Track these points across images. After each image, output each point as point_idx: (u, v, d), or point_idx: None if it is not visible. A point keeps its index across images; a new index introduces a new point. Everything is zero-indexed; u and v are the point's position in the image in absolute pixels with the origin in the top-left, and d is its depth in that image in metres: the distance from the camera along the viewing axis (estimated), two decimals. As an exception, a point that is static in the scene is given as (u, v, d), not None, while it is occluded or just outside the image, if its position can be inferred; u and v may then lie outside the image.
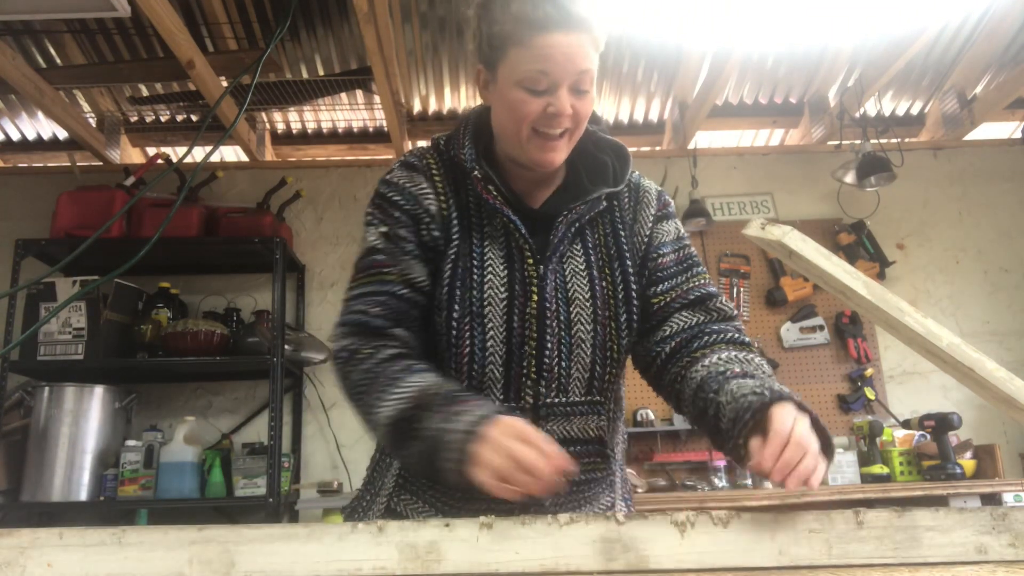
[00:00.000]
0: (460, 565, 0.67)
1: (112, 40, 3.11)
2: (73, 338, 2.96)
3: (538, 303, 1.04)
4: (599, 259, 1.10)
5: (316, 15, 3.01)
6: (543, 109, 1.01)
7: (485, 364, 1.04)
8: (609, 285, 1.08)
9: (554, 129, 1.02)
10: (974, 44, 3.36)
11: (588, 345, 1.06)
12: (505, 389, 1.04)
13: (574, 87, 1.02)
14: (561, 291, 1.06)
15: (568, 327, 1.05)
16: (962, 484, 2.80)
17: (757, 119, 3.83)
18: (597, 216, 1.12)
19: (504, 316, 1.04)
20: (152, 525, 0.81)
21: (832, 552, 0.69)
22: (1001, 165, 3.79)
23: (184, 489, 2.89)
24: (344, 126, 3.80)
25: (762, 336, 3.49)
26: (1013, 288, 3.63)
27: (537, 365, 1.04)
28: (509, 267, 1.05)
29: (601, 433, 1.09)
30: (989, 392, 0.82)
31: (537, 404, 1.04)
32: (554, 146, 1.04)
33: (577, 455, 1.03)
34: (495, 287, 1.04)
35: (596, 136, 1.16)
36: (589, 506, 1.12)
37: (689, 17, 2.56)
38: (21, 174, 3.67)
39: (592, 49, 1.03)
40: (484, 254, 1.06)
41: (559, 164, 1.07)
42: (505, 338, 1.04)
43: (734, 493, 2.97)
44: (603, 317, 1.07)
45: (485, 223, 1.08)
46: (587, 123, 1.10)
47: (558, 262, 1.07)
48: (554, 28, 0.99)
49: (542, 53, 0.99)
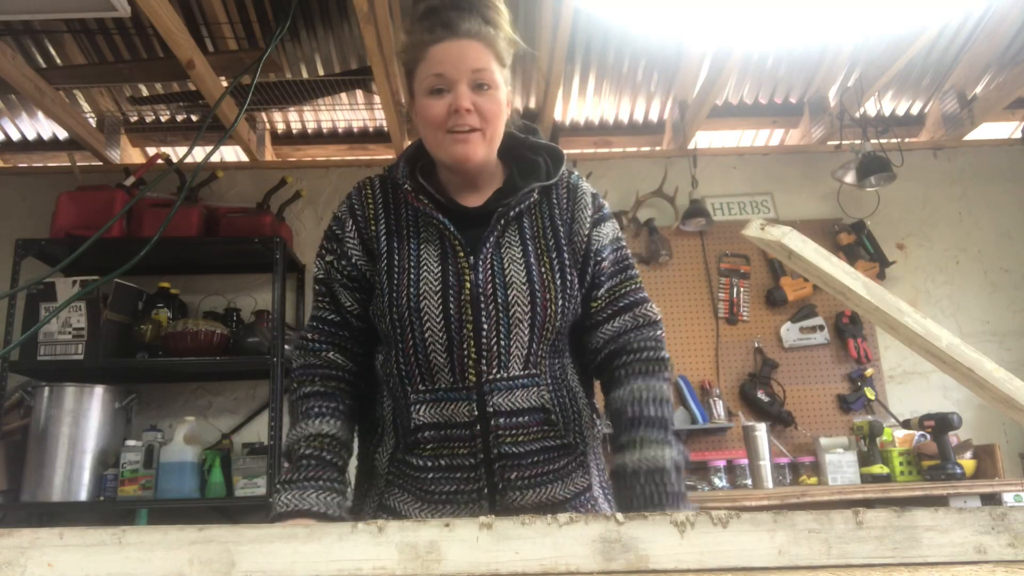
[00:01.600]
0: (460, 565, 0.67)
1: (112, 40, 3.11)
2: (73, 338, 2.96)
3: (471, 289, 1.14)
4: (536, 248, 1.20)
5: (316, 15, 3.01)
6: (448, 109, 1.15)
7: (428, 353, 1.14)
8: (548, 271, 1.19)
9: (462, 126, 1.15)
10: (974, 44, 3.36)
11: (526, 325, 1.15)
12: (451, 372, 1.14)
13: (473, 84, 1.15)
14: (499, 277, 1.16)
15: (506, 309, 1.15)
16: (962, 484, 2.81)
17: (757, 119, 3.83)
18: (534, 208, 1.23)
19: (440, 306, 1.14)
20: (152, 525, 0.82)
21: (831, 552, 0.70)
22: (1001, 165, 3.79)
23: (184, 489, 2.90)
24: (344, 126, 3.80)
25: (762, 336, 3.50)
26: (1013, 288, 3.63)
27: (476, 346, 1.13)
28: (443, 263, 1.16)
29: (543, 402, 1.17)
30: (989, 392, 0.82)
31: (480, 381, 1.13)
32: (466, 139, 1.15)
33: (525, 424, 1.15)
34: (430, 282, 1.15)
35: (530, 142, 1.29)
36: (561, 482, 1.18)
37: (689, 17, 2.56)
38: (21, 174, 3.68)
39: (488, 54, 1.17)
40: (420, 256, 1.18)
41: (479, 159, 1.18)
42: (443, 326, 1.14)
43: (734, 493, 2.97)
44: (541, 300, 1.16)
45: (421, 230, 1.20)
46: (520, 132, 1.28)
47: (494, 252, 1.18)
48: (446, 39, 1.16)
49: (436, 59, 1.16)
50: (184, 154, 2.74)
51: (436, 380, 1.15)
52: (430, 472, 1.15)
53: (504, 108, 1.21)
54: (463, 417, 1.14)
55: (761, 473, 3.03)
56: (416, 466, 1.16)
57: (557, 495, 1.18)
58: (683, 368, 3.45)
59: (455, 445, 1.14)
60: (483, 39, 1.17)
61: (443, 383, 1.15)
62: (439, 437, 1.15)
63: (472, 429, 1.14)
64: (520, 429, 1.15)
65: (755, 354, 3.47)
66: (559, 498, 1.18)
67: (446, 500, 1.15)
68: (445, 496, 1.15)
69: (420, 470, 1.15)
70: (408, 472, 1.17)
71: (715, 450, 3.29)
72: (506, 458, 1.14)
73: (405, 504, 1.18)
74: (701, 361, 3.47)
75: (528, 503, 1.15)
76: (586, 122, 3.84)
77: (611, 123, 3.86)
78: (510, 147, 1.28)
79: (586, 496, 1.22)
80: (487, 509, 1.15)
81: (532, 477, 1.15)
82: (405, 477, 1.18)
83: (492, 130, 1.18)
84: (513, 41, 1.24)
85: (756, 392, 3.37)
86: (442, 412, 1.15)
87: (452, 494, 1.15)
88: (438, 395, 1.15)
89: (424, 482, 1.15)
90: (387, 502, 1.19)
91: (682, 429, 3.28)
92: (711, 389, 3.37)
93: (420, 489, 1.16)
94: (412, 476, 1.17)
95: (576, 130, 3.86)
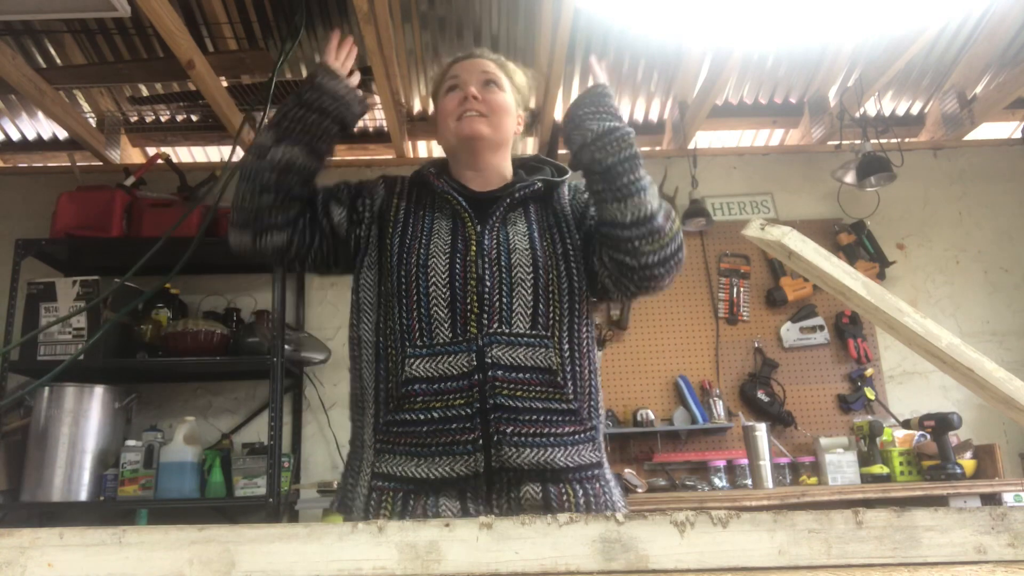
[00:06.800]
0: (460, 565, 0.67)
1: (112, 40, 3.11)
2: (73, 338, 2.96)
3: (476, 250, 1.24)
4: (540, 228, 1.31)
5: (316, 15, 3.01)
6: (459, 98, 1.33)
7: (431, 307, 1.20)
8: (549, 243, 1.29)
9: (469, 110, 1.32)
10: (974, 44, 3.36)
11: (529, 285, 1.23)
12: (452, 327, 1.20)
13: (481, 82, 1.34)
14: (504, 244, 1.26)
15: (509, 270, 1.23)
16: (962, 484, 2.80)
17: (757, 119, 3.83)
18: (539, 198, 1.35)
19: (447, 264, 1.23)
20: (152, 525, 0.82)
21: (831, 552, 0.70)
22: (1001, 165, 3.79)
23: (184, 489, 2.90)
24: (344, 126, 3.80)
25: (762, 336, 3.50)
26: (1013, 288, 3.63)
27: (479, 300, 1.20)
28: (453, 231, 1.27)
29: (550, 364, 1.20)
30: (988, 392, 0.82)
31: (480, 334, 1.19)
32: (472, 119, 1.31)
33: (526, 381, 1.18)
34: (439, 245, 1.25)
35: (539, 157, 1.45)
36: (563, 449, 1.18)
37: (689, 17, 2.56)
38: (21, 174, 3.68)
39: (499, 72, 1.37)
40: (432, 225, 1.29)
41: (485, 135, 1.32)
42: (448, 281, 1.21)
43: (733, 493, 2.97)
44: (544, 265, 1.25)
45: (436, 208, 1.32)
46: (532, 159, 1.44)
47: (501, 225, 1.28)
48: (464, 60, 1.40)
49: (455, 72, 1.38)
50: (188, 156, 2.73)
51: (435, 335, 1.19)
52: (423, 425, 1.17)
53: (511, 109, 1.36)
54: (461, 368, 1.17)
55: (761, 473, 3.03)
56: (407, 421, 1.17)
57: (558, 461, 1.17)
58: (683, 368, 3.45)
59: (449, 397, 1.17)
60: (496, 61, 1.39)
61: (441, 338, 1.19)
62: (430, 391, 1.17)
63: (470, 379, 1.17)
64: (519, 385, 1.17)
65: (755, 354, 3.47)
66: (559, 465, 1.17)
67: (441, 452, 1.16)
68: (440, 448, 1.16)
69: (412, 424, 1.17)
70: (398, 431, 1.19)
71: (715, 450, 3.29)
72: (501, 410, 1.15)
73: (399, 466, 1.18)
74: (701, 361, 3.47)
75: (525, 462, 1.15)
76: (586, 122, 3.84)
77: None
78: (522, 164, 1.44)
79: (594, 472, 1.22)
80: (482, 463, 1.15)
81: (530, 435, 1.16)
82: (396, 437, 1.19)
83: (496, 119, 1.33)
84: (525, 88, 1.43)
85: (756, 392, 3.37)
86: (437, 366, 1.18)
87: (447, 445, 1.16)
88: (435, 350, 1.19)
89: (418, 435, 1.17)
90: (379, 469, 1.20)
91: (682, 429, 3.28)
92: (711, 389, 3.37)
93: (414, 444, 1.17)
94: (404, 433, 1.18)
95: (576, 130, 3.86)
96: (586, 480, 1.20)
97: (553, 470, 1.16)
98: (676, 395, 3.39)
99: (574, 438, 1.19)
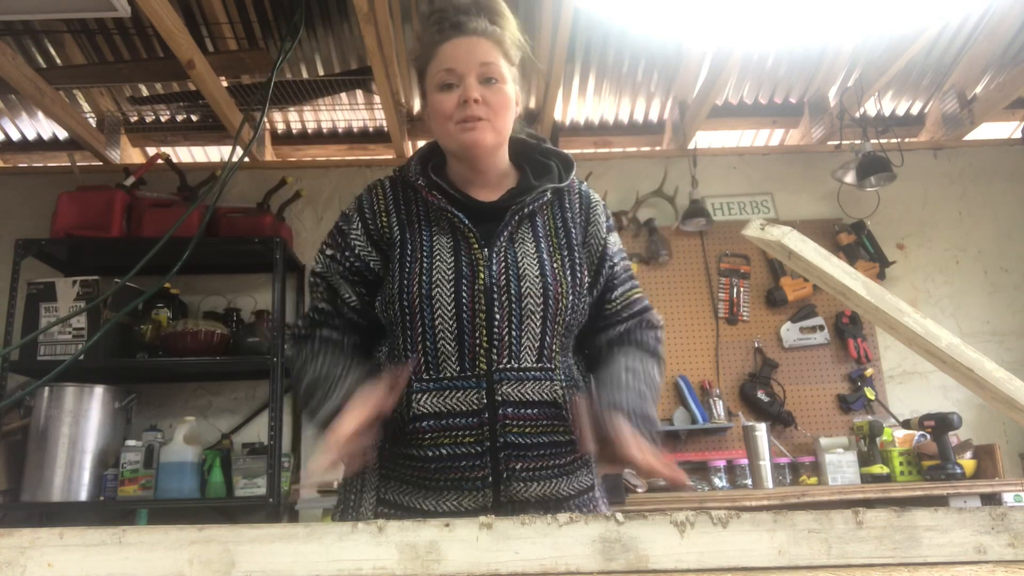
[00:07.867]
0: (460, 565, 0.67)
1: (112, 40, 3.11)
2: (73, 338, 2.96)
3: (485, 279, 1.16)
4: (549, 245, 1.24)
5: (316, 15, 3.01)
6: (457, 100, 1.19)
7: (437, 341, 1.16)
8: (559, 267, 1.22)
9: (471, 116, 1.19)
10: (974, 44, 3.36)
11: (538, 316, 1.18)
12: (459, 361, 1.15)
13: (481, 77, 1.20)
14: (512, 269, 1.19)
15: (519, 300, 1.17)
16: (962, 484, 2.80)
17: (757, 119, 3.83)
18: (546, 208, 1.27)
19: (452, 295, 1.16)
20: (152, 525, 0.82)
21: (831, 552, 0.70)
22: (1001, 165, 3.79)
23: (184, 489, 2.90)
24: (344, 126, 3.80)
25: (762, 336, 3.50)
26: (1013, 288, 3.63)
27: (488, 335, 1.15)
28: (456, 254, 1.19)
29: (555, 397, 1.18)
30: (988, 392, 0.82)
31: (491, 370, 1.15)
32: (474, 126, 1.19)
33: (534, 417, 1.16)
34: (442, 271, 1.17)
35: (543, 147, 1.34)
36: (566, 478, 1.19)
37: (689, 17, 2.56)
38: (21, 174, 3.68)
39: (496, 51, 1.22)
40: (432, 247, 1.20)
41: (487, 144, 1.21)
42: (455, 314, 1.15)
43: (733, 493, 2.97)
44: (554, 293, 1.19)
45: (433, 224, 1.23)
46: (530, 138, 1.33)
47: (508, 245, 1.21)
48: (455, 37, 1.22)
49: (447, 56, 1.21)
50: (188, 156, 2.73)
51: (442, 369, 1.16)
52: (432, 462, 1.14)
53: (512, 102, 1.25)
54: (471, 405, 1.14)
55: (761, 473, 3.03)
56: (416, 456, 1.15)
57: (561, 491, 1.18)
58: (683, 368, 3.45)
59: (458, 434, 1.14)
60: (491, 37, 1.23)
61: (449, 372, 1.15)
62: (438, 427, 1.14)
63: (480, 417, 1.14)
64: (528, 421, 1.15)
65: (755, 354, 3.47)
66: (563, 494, 1.18)
67: (449, 487, 1.15)
68: (448, 483, 1.15)
69: (420, 460, 1.15)
70: (406, 464, 1.17)
71: (715, 450, 3.29)
72: (512, 448, 1.14)
73: (405, 495, 1.17)
74: (701, 361, 3.47)
75: (532, 496, 1.16)
76: (586, 122, 3.84)
77: (611, 123, 3.86)
78: (523, 152, 1.33)
79: (589, 496, 1.23)
80: (491, 498, 1.15)
81: (537, 469, 1.16)
82: (404, 468, 1.17)
83: (499, 121, 1.22)
84: (520, 43, 1.28)
85: (756, 392, 3.37)
86: (445, 402, 1.15)
87: (456, 481, 1.15)
88: (442, 384, 1.15)
89: (427, 471, 1.15)
90: (385, 496, 1.19)
91: (682, 429, 3.28)
92: (711, 389, 3.37)
93: (422, 478, 1.16)
94: (411, 467, 1.16)
95: (576, 130, 3.86)
96: (583, 504, 1.21)
97: (556, 499, 1.18)
98: (676, 395, 3.39)
99: (574, 465, 1.20)
